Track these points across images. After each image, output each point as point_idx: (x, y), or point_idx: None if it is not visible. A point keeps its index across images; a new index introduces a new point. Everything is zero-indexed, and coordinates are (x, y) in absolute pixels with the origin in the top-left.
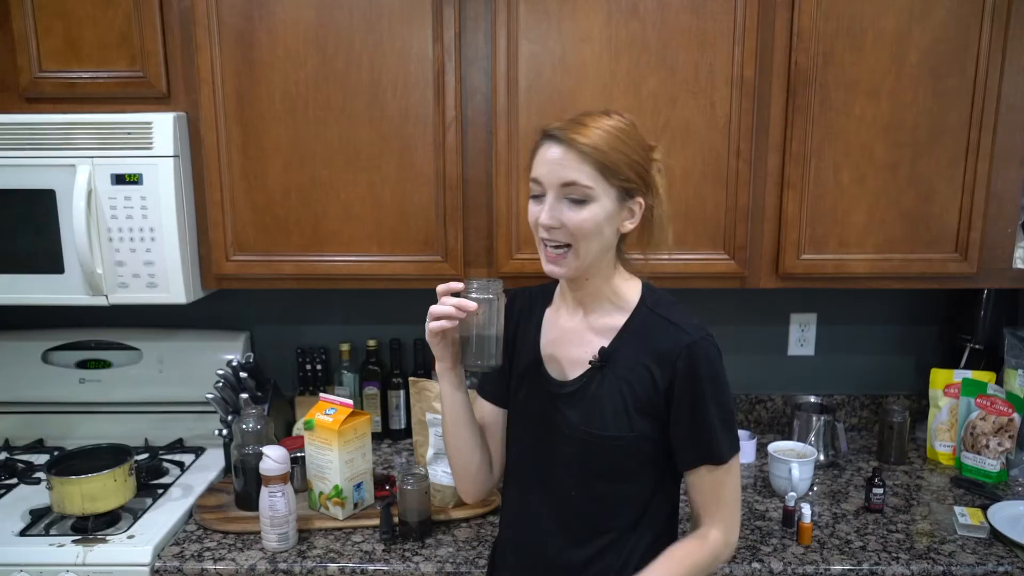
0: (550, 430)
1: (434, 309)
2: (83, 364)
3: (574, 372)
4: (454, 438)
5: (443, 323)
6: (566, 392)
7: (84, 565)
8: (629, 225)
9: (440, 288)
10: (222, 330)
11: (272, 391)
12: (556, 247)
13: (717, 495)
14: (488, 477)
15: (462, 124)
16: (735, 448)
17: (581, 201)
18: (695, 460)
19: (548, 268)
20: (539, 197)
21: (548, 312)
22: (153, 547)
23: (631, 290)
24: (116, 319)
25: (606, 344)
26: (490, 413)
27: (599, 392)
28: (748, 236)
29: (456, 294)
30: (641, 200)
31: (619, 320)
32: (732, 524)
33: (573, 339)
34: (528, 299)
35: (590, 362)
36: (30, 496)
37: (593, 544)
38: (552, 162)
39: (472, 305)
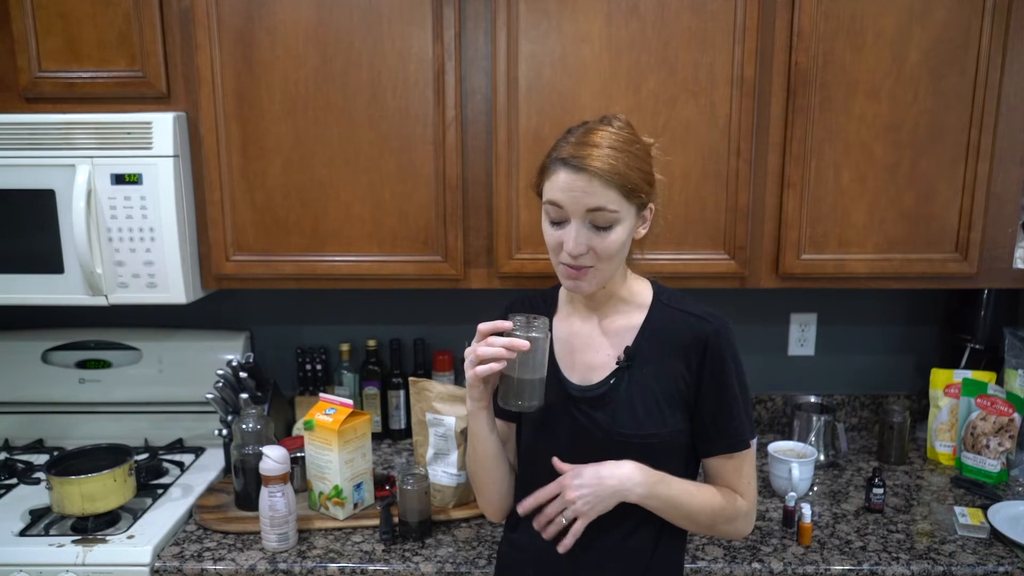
0: (575, 436)
1: (482, 351)
2: (83, 364)
3: (597, 376)
4: (487, 472)
5: (492, 366)
6: (592, 396)
7: (84, 565)
8: (643, 231)
9: (484, 327)
10: (222, 330)
11: (272, 391)
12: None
13: (739, 476)
14: (515, 494)
15: (462, 124)
16: (753, 433)
17: (607, 226)
18: (719, 447)
19: (570, 284)
20: (559, 222)
21: (556, 320)
22: (153, 547)
23: (643, 289)
24: (116, 319)
25: (629, 344)
26: (506, 429)
27: (629, 392)
28: (748, 236)
29: (500, 333)
30: (652, 206)
31: (637, 319)
32: (753, 502)
33: (591, 344)
34: (530, 307)
35: (617, 363)
36: (30, 496)
37: (614, 543)
38: (575, 190)
39: (525, 344)
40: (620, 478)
